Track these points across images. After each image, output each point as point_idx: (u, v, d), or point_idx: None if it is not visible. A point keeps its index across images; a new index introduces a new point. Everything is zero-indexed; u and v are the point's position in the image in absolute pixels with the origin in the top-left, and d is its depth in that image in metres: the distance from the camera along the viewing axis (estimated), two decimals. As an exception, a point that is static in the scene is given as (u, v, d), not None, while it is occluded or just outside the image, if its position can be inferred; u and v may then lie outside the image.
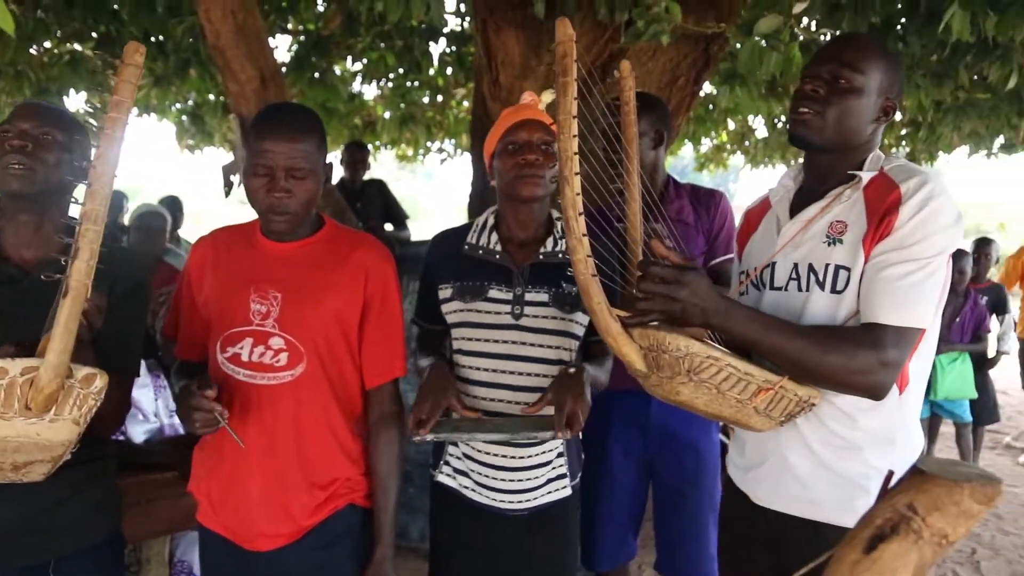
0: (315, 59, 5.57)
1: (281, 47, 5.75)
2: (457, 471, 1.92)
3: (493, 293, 1.86)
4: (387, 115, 7.26)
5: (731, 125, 8.11)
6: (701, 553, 2.37)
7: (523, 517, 1.87)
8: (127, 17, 4.60)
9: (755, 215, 1.76)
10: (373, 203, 5.39)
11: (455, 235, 1.97)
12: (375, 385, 1.78)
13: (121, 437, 2.58)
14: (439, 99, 6.98)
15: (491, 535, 1.89)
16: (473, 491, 1.89)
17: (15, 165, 1.48)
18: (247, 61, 3.57)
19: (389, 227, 5.45)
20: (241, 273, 1.70)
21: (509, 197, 1.87)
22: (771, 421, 1.47)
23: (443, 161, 8.61)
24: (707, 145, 8.94)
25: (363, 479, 1.79)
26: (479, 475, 1.88)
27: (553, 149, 1.82)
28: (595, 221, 1.65)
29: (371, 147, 7.16)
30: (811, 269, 1.51)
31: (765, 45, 2.95)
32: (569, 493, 1.92)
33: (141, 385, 2.72)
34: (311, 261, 1.72)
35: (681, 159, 12.98)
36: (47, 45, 5.31)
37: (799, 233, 1.55)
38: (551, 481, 1.89)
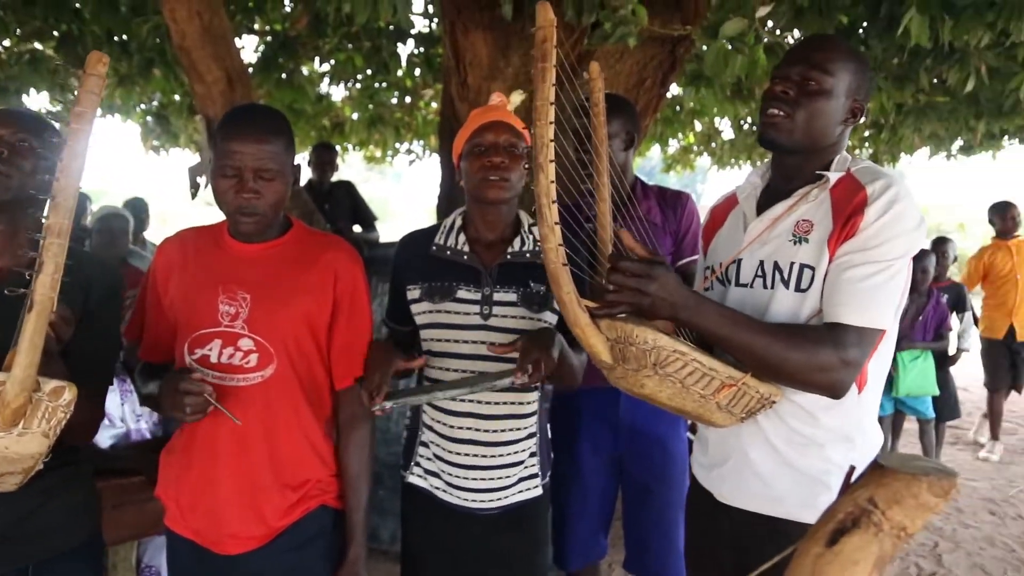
0: (282, 60, 5.53)
1: (248, 48, 5.69)
2: (428, 472, 1.93)
3: (461, 293, 1.86)
4: (355, 116, 7.24)
5: (698, 127, 8.19)
6: (670, 550, 2.39)
7: (494, 517, 1.88)
8: (89, 16, 4.54)
9: (721, 211, 1.78)
10: (341, 205, 5.37)
11: (423, 236, 1.97)
12: (345, 386, 1.78)
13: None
14: (407, 100, 6.96)
15: (462, 535, 1.90)
16: (444, 491, 1.90)
17: None
18: (213, 62, 3.54)
19: (358, 229, 5.44)
20: (209, 274, 1.69)
21: (476, 199, 1.87)
22: (732, 417, 1.49)
23: (412, 162, 8.59)
24: (674, 146, 9.01)
25: (334, 480, 1.78)
26: (450, 475, 1.88)
27: (520, 151, 1.83)
28: (565, 219, 1.66)
29: (339, 148, 7.12)
30: (776, 267, 1.53)
31: (730, 48, 2.99)
32: (540, 492, 1.93)
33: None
34: (280, 262, 1.71)
35: (649, 160, 13.06)
36: (6, 44, 5.22)
37: (765, 231, 1.57)
38: (522, 480, 1.90)
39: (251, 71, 5.11)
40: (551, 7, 1.34)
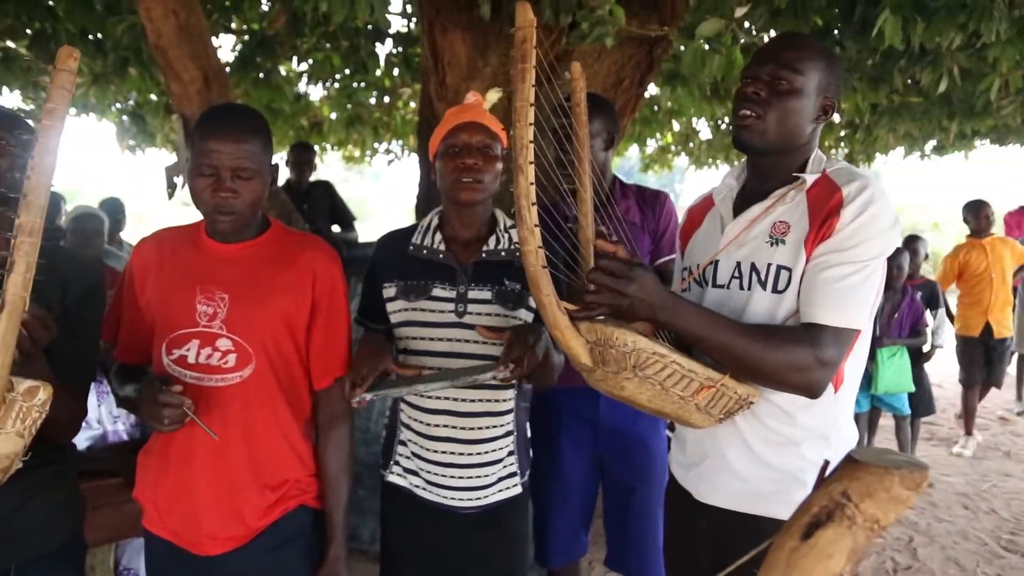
0: (260, 59, 5.50)
1: (225, 47, 5.65)
2: (407, 470, 1.93)
3: (437, 291, 1.86)
4: (333, 116, 7.21)
5: (676, 127, 8.22)
6: (651, 548, 2.41)
7: (474, 515, 1.88)
8: (63, 14, 4.49)
9: (698, 212, 1.78)
10: (320, 205, 5.35)
11: (401, 236, 1.98)
12: (324, 386, 1.78)
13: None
14: (386, 100, 6.95)
15: (442, 534, 1.90)
16: (424, 490, 1.90)
17: None
18: (190, 61, 3.52)
19: (336, 229, 5.42)
20: (186, 274, 1.68)
21: (450, 200, 1.88)
22: (711, 418, 1.50)
23: (390, 162, 8.56)
24: (652, 146, 9.04)
25: (313, 480, 1.78)
26: (430, 473, 1.88)
27: (494, 152, 1.83)
28: (543, 218, 1.66)
29: (317, 148, 7.09)
30: (753, 268, 1.54)
31: (708, 48, 3.01)
32: (520, 491, 1.94)
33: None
34: (258, 262, 1.71)
35: (627, 160, 13.09)
36: (-21, 42, 5.15)
37: (742, 232, 1.57)
38: (502, 479, 1.90)
39: (228, 70, 5.08)
40: (531, 8, 1.33)
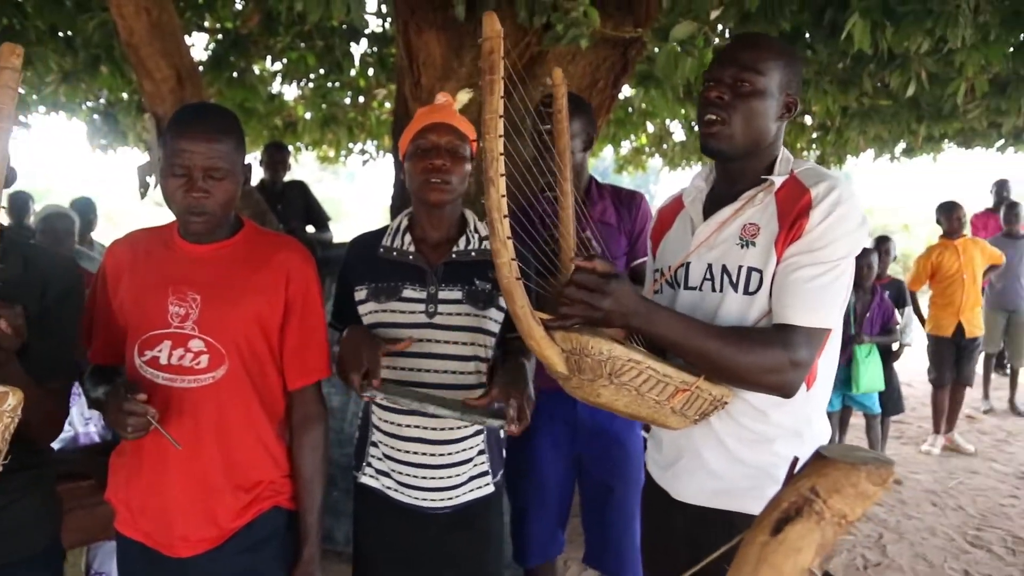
0: (233, 58, 5.46)
1: (198, 45, 5.60)
2: (379, 472, 1.92)
3: (407, 293, 1.86)
4: (308, 116, 7.17)
5: (650, 128, 8.27)
6: (628, 545, 2.43)
7: (446, 515, 1.89)
8: (32, 10, 4.42)
9: (668, 213, 1.79)
10: (294, 205, 5.32)
11: (371, 238, 1.97)
12: (298, 387, 1.77)
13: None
14: (361, 100, 6.92)
15: (415, 536, 1.90)
16: (396, 491, 1.90)
17: None
18: (162, 59, 3.48)
19: (311, 229, 5.39)
20: (158, 275, 1.67)
21: (419, 200, 1.88)
22: (686, 420, 1.51)
23: (365, 162, 8.53)
24: (627, 147, 9.09)
25: (287, 481, 1.78)
26: (401, 474, 1.88)
27: (463, 152, 1.84)
28: (518, 219, 1.67)
29: (292, 148, 7.05)
30: (724, 270, 1.55)
31: (681, 50, 3.03)
32: (492, 490, 1.95)
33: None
34: (231, 263, 1.70)
35: (602, 160, 13.14)
36: (-56, 39, 5.06)
37: (713, 235, 1.58)
38: (473, 479, 1.91)
39: (201, 69, 5.03)
40: (498, 17, 1.34)
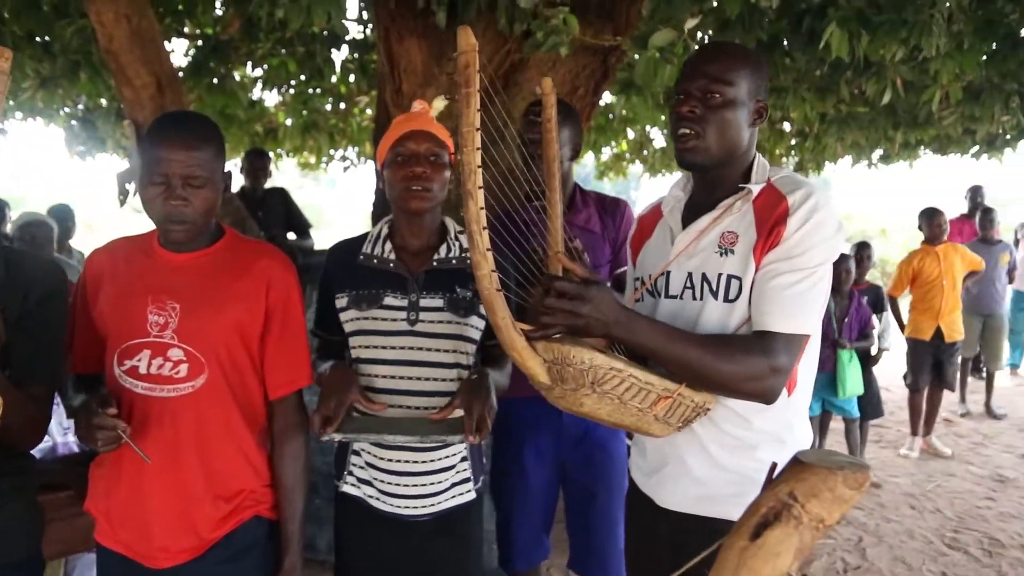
0: (213, 64, 5.42)
1: (177, 51, 5.56)
2: (361, 480, 1.92)
3: (388, 300, 1.86)
4: (289, 122, 7.14)
5: (630, 134, 8.31)
6: (612, 550, 2.44)
7: (428, 523, 1.89)
8: (8, 15, 4.38)
9: (648, 221, 1.80)
10: (275, 212, 5.30)
11: (351, 245, 1.97)
12: (278, 396, 1.77)
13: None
14: (342, 107, 6.90)
15: (396, 543, 1.90)
16: (377, 499, 1.89)
17: None
18: (142, 66, 3.46)
19: (292, 236, 5.37)
20: (138, 284, 1.66)
21: (399, 208, 1.88)
22: (669, 427, 1.52)
23: (346, 169, 8.52)
24: (607, 154, 9.13)
25: (268, 491, 1.77)
26: (383, 483, 1.88)
27: (443, 160, 1.84)
28: (500, 228, 1.67)
29: (272, 155, 7.02)
30: (704, 278, 1.56)
31: (660, 58, 3.06)
32: (473, 497, 1.95)
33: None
34: (211, 271, 1.69)
35: (583, 167, 13.18)
36: (-81, 44, 5.00)
37: (692, 243, 1.59)
38: (455, 485, 1.91)
39: (181, 75, 5.00)
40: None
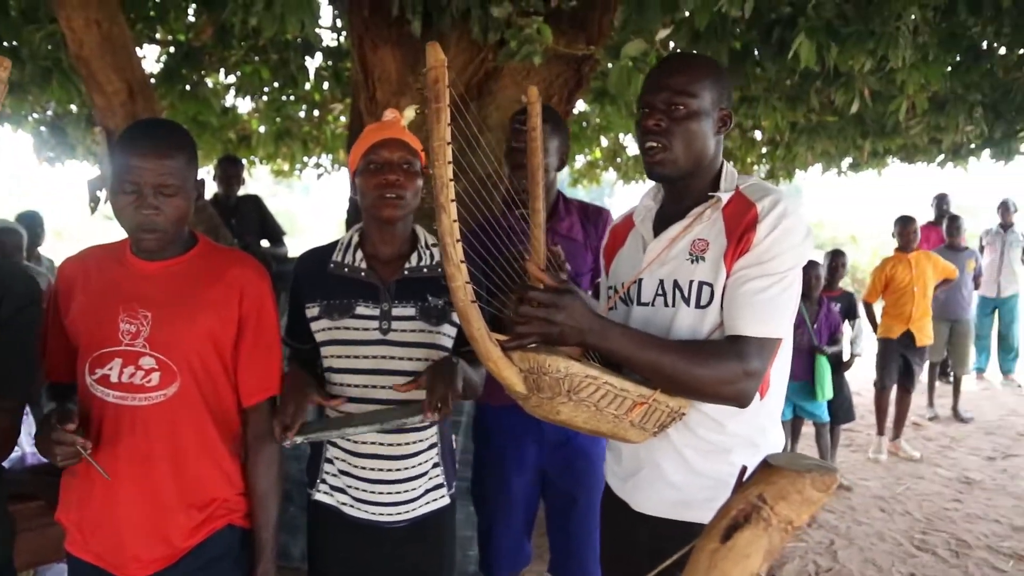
0: (186, 71, 5.39)
1: (149, 58, 5.52)
2: (334, 488, 1.92)
3: (360, 310, 1.86)
4: (262, 129, 7.11)
5: (604, 142, 8.37)
6: (592, 555, 2.44)
7: (401, 529, 1.88)
8: (-24, 21, 4.33)
9: (620, 231, 1.82)
10: (248, 219, 5.27)
11: (321, 254, 1.96)
12: (252, 404, 1.76)
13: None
14: (315, 114, 6.89)
15: (369, 550, 1.89)
16: (352, 507, 1.89)
17: None
18: (113, 72, 3.43)
19: (265, 243, 5.34)
20: (110, 293, 1.65)
21: (371, 216, 1.88)
22: (645, 433, 1.53)
23: (320, 176, 8.50)
24: (581, 161, 9.19)
25: (242, 499, 1.76)
26: (357, 490, 1.87)
27: (415, 168, 1.85)
28: (475, 238, 1.67)
29: (246, 162, 6.98)
30: (676, 285, 1.58)
31: (633, 67, 3.10)
32: (447, 503, 1.95)
33: None
34: (183, 279, 1.68)
35: (558, 174, 13.24)
36: None
37: (664, 251, 1.61)
38: (428, 491, 1.91)
39: (153, 82, 4.97)
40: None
